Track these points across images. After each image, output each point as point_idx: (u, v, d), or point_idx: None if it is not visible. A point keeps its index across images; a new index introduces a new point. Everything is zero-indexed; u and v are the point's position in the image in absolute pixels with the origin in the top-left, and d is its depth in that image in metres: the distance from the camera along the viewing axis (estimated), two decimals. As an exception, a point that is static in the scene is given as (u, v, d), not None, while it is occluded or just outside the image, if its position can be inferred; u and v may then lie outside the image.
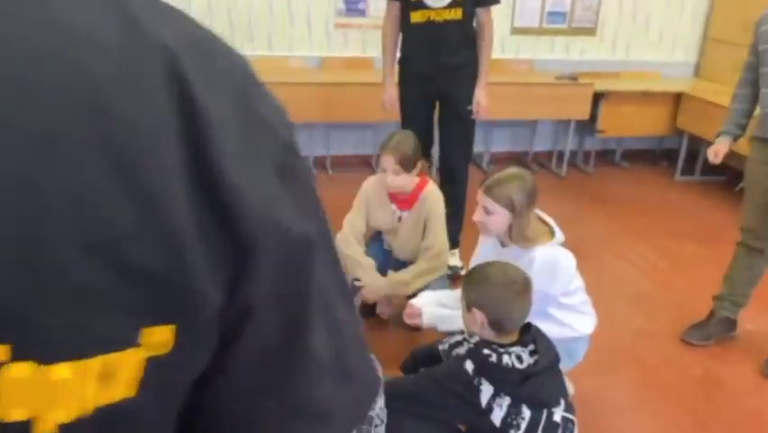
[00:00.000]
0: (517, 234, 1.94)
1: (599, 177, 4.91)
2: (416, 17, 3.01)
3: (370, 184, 2.51)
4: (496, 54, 4.78)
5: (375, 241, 2.67)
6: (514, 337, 1.55)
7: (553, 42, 5.00)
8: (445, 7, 2.97)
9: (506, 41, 4.91)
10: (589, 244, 3.69)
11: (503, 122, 4.91)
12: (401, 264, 2.52)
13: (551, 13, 4.91)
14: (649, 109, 4.74)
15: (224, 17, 4.37)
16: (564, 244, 2.06)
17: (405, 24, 3.08)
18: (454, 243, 3.03)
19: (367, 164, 4.69)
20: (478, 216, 1.97)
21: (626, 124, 4.77)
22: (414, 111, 3.24)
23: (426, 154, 3.41)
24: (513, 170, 2.01)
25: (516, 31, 4.90)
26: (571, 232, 3.80)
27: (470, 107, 3.15)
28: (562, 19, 4.95)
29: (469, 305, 1.56)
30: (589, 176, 4.94)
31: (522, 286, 1.56)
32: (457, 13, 2.99)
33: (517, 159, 5.17)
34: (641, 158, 5.28)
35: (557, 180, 4.81)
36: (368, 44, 4.62)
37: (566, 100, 4.59)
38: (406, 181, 2.38)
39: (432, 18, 2.99)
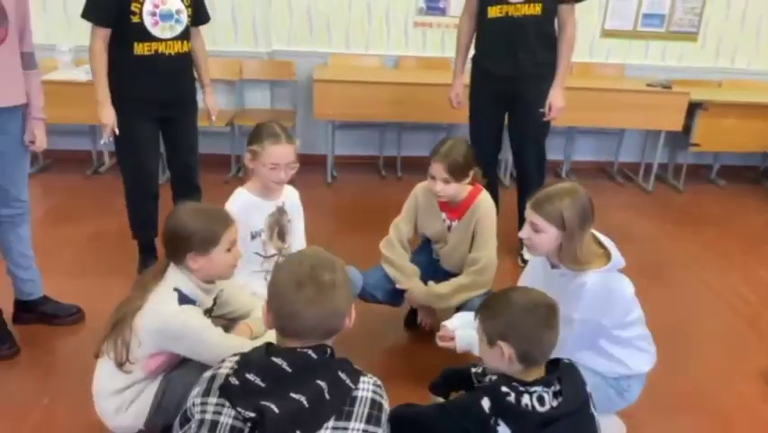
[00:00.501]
0: (567, 256, 1.75)
1: (690, 194, 4.52)
2: (494, 11, 2.89)
3: (420, 189, 2.39)
4: (583, 57, 4.56)
5: (424, 248, 2.54)
6: (540, 373, 1.39)
7: (647, 47, 4.65)
8: (525, 1, 2.82)
9: (595, 43, 4.63)
10: (671, 269, 3.39)
11: (587, 129, 4.64)
12: (449, 275, 2.38)
13: (647, 16, 4.57)
14: (753, 123, 4.30)
15: (303, 15, 4.37)
16: (624, 271, 1.85)
17: (481, 19, 2.96)
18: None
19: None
20: (525, 232, 1.80)
21: (725, 138, 4.36)
22: (483, 111, 3.12)
23: (494, 158, 3.28)
24: (566, 184, 1.82)
25: (607, 33, 4.59)
26: (652, 253, 3.56)
27: (542, 110, 2.97)
28: (659, 22, 4.59)
29: (491, 338, 1.40)
30: (678, 193, 4.55)
31: (549, 311, 1.40)
32: (536, 9, 2.84)
33: (601, 169, 4.87)
34: (740, 176, 4.82)
35: (643, 195, 4.47)
36: (446, 44, 4.49)
37: (658, 109, 4.25)
38: (456, 190, 2.24)
39: (509, 13, 2.85)
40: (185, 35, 2.63)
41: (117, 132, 2.58)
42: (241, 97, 4.44)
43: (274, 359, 1.23)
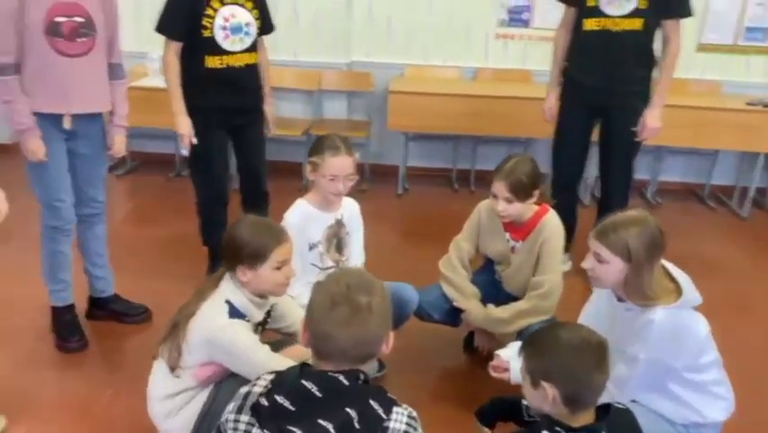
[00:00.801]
0: (634, 290, 1.62)
1: (791, 223, 4.15)
2: (590, 24, 2.78)
3: (484, 207, 2.31)
4: (676, 73, 4.28)
5: (486, 269, 2.45)
6: (589, 418, 1.27)
7: (747, 62, 4.32)
8: (626, 16, 2.69)
9: (689, 58, 4.33)
10: (764, 304, 3.11)
11: (677, 149, 4.36)
12: (511, 299, 2.28)
13: (750, 29, 4.25)
14: None
15: (383, 26, 4.38)
16: (711, 303, 1.71)
17: (577, 32, 2.86)
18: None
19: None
20: (588, 263, 1.68)
21: (832, 163, 3.97)
22: (571, 127, 3.02)
23: (577, 176, 3.14)
24: (634, 213, 1.69)
25: (703, 48, 4.31)
26: (743, 285, 3.29)
27: (634, 128, 2.83)
28: (762, 36, 4.26)
29: (535, 378, 1.31)
30: (777, 220, 4.20)
31: (599, 351, 1.29)
32: (637, 24, 2.72)
33: (691, 192, 4.57)
34: None
35: (737, 221, 4.15)
36: (528, 56, 4.36)
37: (757, 129, 3.94)
38: (520, 210, 2.14)
39: (607, 27, 2.74)
40: (253, 47, 2.68)
41: (195, 141, 2.65)
42: (319, 107, 4.49)
43: (304, 382, 1.20)
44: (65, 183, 2.33)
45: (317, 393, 1.19)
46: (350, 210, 2.28)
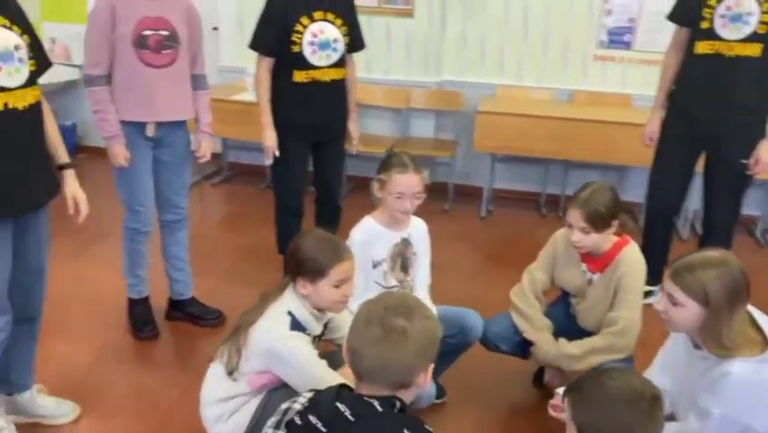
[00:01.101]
0: (711, 337, 1.47)
1: None
2: (703, 48, 2.62)
3: (561, 236, 2.20)
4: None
5: (561, 302, 2.32)
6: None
7: None
8: (742, 40, 2.51)
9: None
10: None
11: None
12: (585, 335, 2.15)
13: None
14: None
15: (476, 45, 4.34)
16: None
17: (688, 54, 2.70)
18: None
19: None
20: (661, 305, 1.55)
21: None
22: (672, 155, 2.84)
23: (675, 208, 2.96)
24: (715, 253, 1.54)
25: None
26: None
27: (745, 161, 2.62)
28: None
29: (581, 428, 1.21)
30: None
31: (653, 404, 1.17)
32: (755, 50, 2.52)
33: (809, 232, 4.15)
34: None
35: None
36: (628, 80, 4.16)
37: None
38: (597, 241, 2.01)
39: (721, 51, 2.57)
40: (341, 63, 2.72)
41: (278, 154, 2.73)
42: (406, 125, 4.50)
43: (339, 405, 1.18)
44: (147, 189, 2.47)
45: (350, 417, 1.16)
46: (418, 230, 2.25)
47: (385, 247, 2.15)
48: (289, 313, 1.72)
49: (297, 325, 1.71)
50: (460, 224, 4.09)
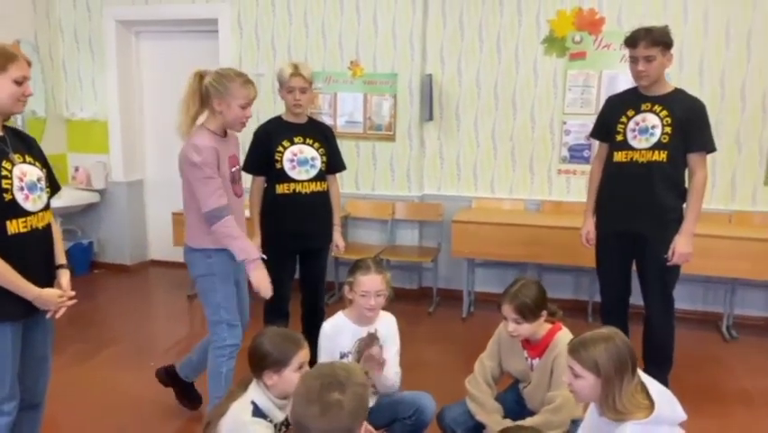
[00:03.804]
0: (606, 404, 1.74)
1: None
2: (619, 156, 3.03)
3: (503, 328, 2.49)
4: (744, 206, 4.35)
5: (513, 387, 2.58)
6: None
7: (821, 196, 4.27)
8: (650, 148, 2.94)
9: (758, 192, 4.37)
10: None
11: (753, 282, 4.27)
12: (532, 415, 2.39)
13: (820, 164, 4.24)
14: None
15: (452, 163, 4.83)
16: (684, 425, 1.77)
17: (608, 163, 3.11)
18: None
19: (582, 310, 4.49)
20: (567, 378, 1.84)
21: None
22: (608, 254, 3.18)
23: (621, 302, 3.24)
24: (604, 330, 1.84)
25: (773, 181, 4.33)
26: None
27: (666, 255, 2.95)
28: (836, 170, 4.22)
29: None
30: None
31: None
32: (662, 156, 2.92)
33: (776, 326, 4.37)
34: None
35: (822, 359, 3.91)
36: (590, 190, 4.57)
37: (832, 263, 3.81)
38: (529, 330, 2.31)
39: (634, 158, 2.98)
40: (320, 177, 3.16)
41: (265, 257, 3.08)
42: (392, 235, 4.91)
43: None
44: (236, 305, 2.73)
45: None
46: (386, 324, 2.55)
47: (350, 340, 2.45)
48: (252, 402, 1.96)
49: (258, 412, 1.94)
50: (442, 325, 4.37)
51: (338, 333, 2.44)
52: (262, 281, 2.54)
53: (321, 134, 3.19)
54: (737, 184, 4.38)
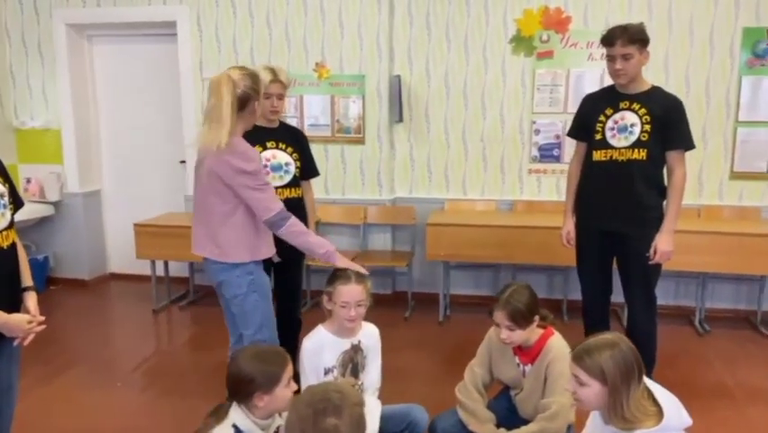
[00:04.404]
0: (613, 412, 1.69)
1: None
2: (599, 155, 3.00)
3: (495, 332, 2.42)
4: (712, 201, 4.41)
5: (503, 394, 2.52)
6: None
7: (785, 189, 4.37)
8: (629, 147, 2.91)
9: (724, 186, 4.44)
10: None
11: (722, 275, 4.33)
12: (526, 423, 2.33)
13: (781, 157, 4.33)
14: None
15: (423, 165, 4.77)
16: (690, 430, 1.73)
17: (587, 162, 3.08)
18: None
19: (557, 309, 4.47)
20: (571, 386, 1.78)
21: None
22: (588, 253, 3.15)
23: (603, 302, 3.21)
24: (608, 336, 1.79)
25: (737, 175, 4.40)
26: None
27: (647, 254, 2.93)
28: (797, 162, 4.32)
29: None
30: (838, 348, 3.99)
31: None
32: (641, 154, 2.90)
33: (745, 319, 4.45)
34: None
35: (792, 349, 3.99)
36: (561, 189, 4.56)
37: (798, 254, 3.89)
38: (522, 336, 2.25)
39: (614, 157, 2.95)
40: (294, 183, 3.05)
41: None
42: (364, 240, 4.81)
43: None
44: None
45: None
46: (368, 335, 2.45)
47: (334, 354, 2.35)
48: (234, 426, 1.86)
49: None
50: (418, 330, 4.29)
51: (320, 349, 2.33)
52: (351, 264, 2.43)
53: (294, 139, 3.07)
54: (704, 179, 4.44)
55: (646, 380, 1.77)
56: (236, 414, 1.89)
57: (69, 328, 4.31)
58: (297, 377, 2.04)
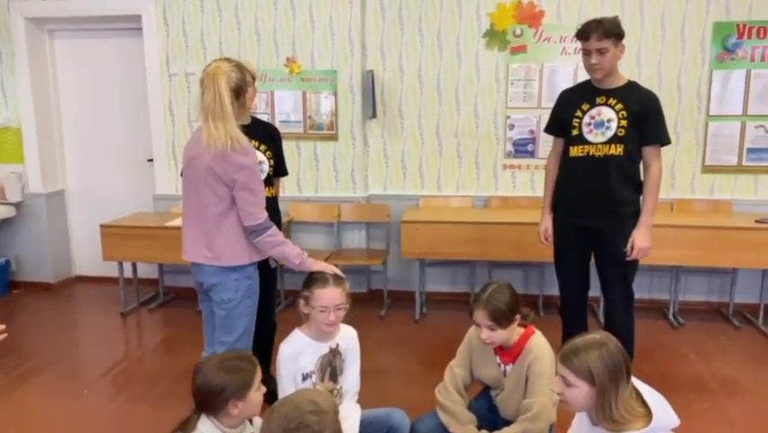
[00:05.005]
0: (602, 414, 1.65)
1: (823, 341, 4.01)
2: (575, 151, 2.97)
3: (475, 332, 2.38)
4: (684, 194, 4.44)
5: (483, 394, 2.48)
6: None
7: (755, 181, 4.41)
8: (606, 142, 2.89)
9: (696, 180, 4.47)
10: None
11: (695, 268, 4.37)
12: (508, 424, 2.29)
13: (752, 150, 4.38)
14: None
15: (397, 162, 4.71)
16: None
17: (564, 158, 3.05)
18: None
19: (533, 304, 4.46)
20: (557, 387, 1.74)
21: None
22: (566, 249, 3.13)
23: (581, 297, 3.19)
24: (596, 335, 1.75)
25: (709, 169, 4.44)
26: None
27: (625, 249, 2.92)
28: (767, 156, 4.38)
29: None
30: (808, 338, 4.06)
31: None
32: (618, 149, 2.88)
33: (717, 311, 4.49)
34: None
35: (764, 341, 4.03)
36: (536, 184, 4.57)
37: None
38: (504, 336, 2.21)
39: (591, 152, 2.93)
40: (268, 182, 2.94)
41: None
42: (339, 238, 4.73)
43: None
44: None
45: None
46: (347, 338, 2.38)
47: (312, 359, 2.27)
48: None
49: None
50: (395, 328, 4.24)
51: (298, 354, 2.25)
52: (327, 266, 2.36)
53: (268, 137, 2.98)
54: (677, 173, 4.47)
55: (634, 380, 1.73)
56: (204, 426, 1.81)
57: (33, 334, 4.15)
58: (266, 381, 1.96)
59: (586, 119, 2.93)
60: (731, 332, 4.17)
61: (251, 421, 1.94)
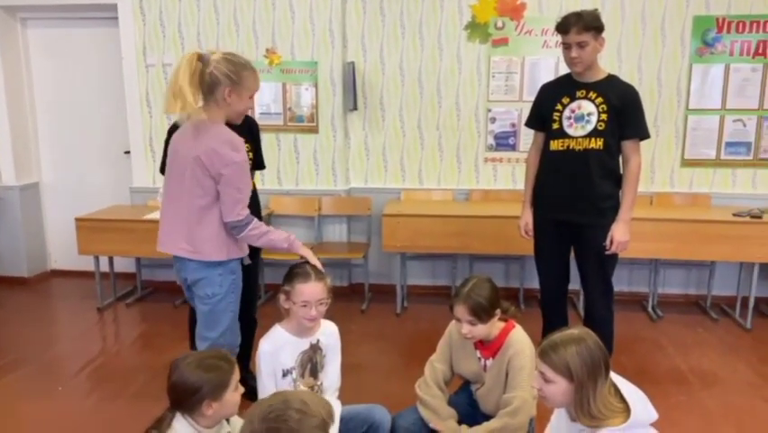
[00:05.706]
0: (580, 410, 1.65)
1: (798, 332, 4.07)
2: (556, 145, 2.97)
3: (455, 326, 2.37)
4: (663, 188, 4.47)
5: (464, 389, 2.47)
6: None
7: (733, 175, 4.46)
8: (586, 136, 2.88)
9: (675, 173, 4.51)
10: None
11: (675, 261, 4.41)
12: (488, 418, 2.28)
13: (731, 144, 4.42)
14: None
15: (378, 155, 4.68)
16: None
17: (545, 152, 3.05)
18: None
19: (513, 297, 4.47)
20: (536, 382, 1.73)
21: (831, 271, 3.95)
22: (546, 243, 3.13)
23: (560, 291, 3.20)
24: (574, 331, 1.74)
25: (688, 163, 4.47)
26: (745, 399, 3.19)
27: (604, 243, 2.92)
28: (745, 150, 4.42)
29: None
30: (782, 330, 4.12)
31: None
32: (598, 143, 2.88)
33: (695, 303, 4.54)
34: None
35: (739, 333, 4.08)
36: (517, 177, 4.57)
37: (747, 240, 3.97)
38: (484, 331, 2.20)
39: (571, 146, 2.92)
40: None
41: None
42: (319, 231, 4.70)
43: None
44: None
45: None
46: (328, 334, 2.36)
47: (292, 355, 2.24)
48: None
49: None
50: (376, 322, 4.22)
51: (278, 350, 2.22)
52: (312, 255, 2.33)
53: (247, 129, 2.92)
54: (656, 167, 4.50)
55: (613, 375, 1.73)
56: (180, 425, 1.78)
57: (7, 330, 4.07)
58: (245, 378, 1.94)
59: (566, 113, 2.92)
60: (709, 324, 4.21)
61: (227, 421, 1.91)
